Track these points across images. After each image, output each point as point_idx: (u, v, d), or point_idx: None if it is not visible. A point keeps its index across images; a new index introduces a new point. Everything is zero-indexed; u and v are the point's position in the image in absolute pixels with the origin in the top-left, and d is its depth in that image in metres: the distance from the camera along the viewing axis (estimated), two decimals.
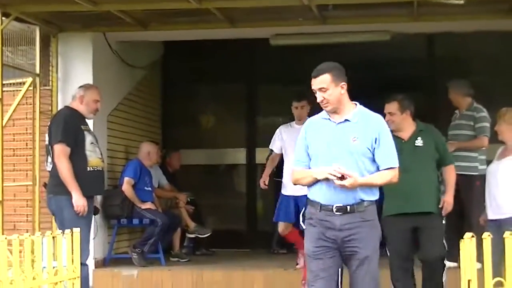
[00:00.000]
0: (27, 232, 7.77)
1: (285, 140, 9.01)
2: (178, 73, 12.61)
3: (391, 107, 7.43)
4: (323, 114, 5.78)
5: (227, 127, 12.92)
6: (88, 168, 7.83)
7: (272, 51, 10.84)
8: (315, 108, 7.13)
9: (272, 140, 9.28)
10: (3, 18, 8.90)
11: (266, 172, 9.36)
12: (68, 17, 9.54)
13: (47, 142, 7.91)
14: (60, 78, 9.91)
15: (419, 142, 7.37)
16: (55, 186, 7.77)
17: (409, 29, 10.01)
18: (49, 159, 7.85)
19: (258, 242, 11.94)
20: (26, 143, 9.79)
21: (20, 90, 9.67)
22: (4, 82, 9.02)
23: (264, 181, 9.20)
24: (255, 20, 9.58)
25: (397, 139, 6.53)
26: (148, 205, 10.18)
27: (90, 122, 8.32)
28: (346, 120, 5.66)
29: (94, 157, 7.92)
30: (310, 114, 7.62)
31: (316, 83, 5.62)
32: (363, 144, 5.61)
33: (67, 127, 7.76)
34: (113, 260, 10.19)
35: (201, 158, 12.72)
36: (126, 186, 10.20)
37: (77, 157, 7.74)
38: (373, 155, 5.63)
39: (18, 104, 9.57)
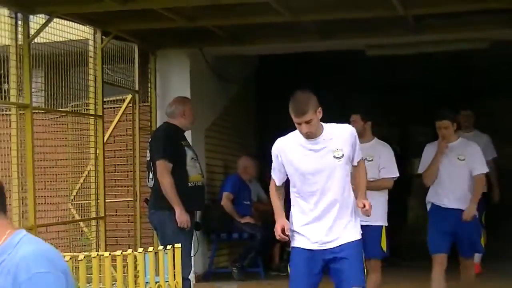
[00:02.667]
0: (129, 247, 7.90)
1: None
2: (272, 86, 12.63)
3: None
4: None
5: None
6: (189, 183, 7.89)
7: (363, 61, 10.76)
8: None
9: None
10: (103, 37, 9.08)
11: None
12: (165, 34, 9.67)
13: (148, 158, 8.00)
14: (159, 94, 10.04)
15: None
16: (157, 202, 7.86)
17: (508, 37, 9.79)
18: (151, 175, 7.94)
19: None
20: (127, 159, 9.94)
21: (120, 107, 9.85)
22: (104, 99, 9.19)
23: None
24: (349, 31, 9.51)
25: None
26: (247, 219, 10.22)
27: (188, 137, 8.40)
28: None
29: (194, 172, 7.97)
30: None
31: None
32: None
33: (169, 144, 7.84)
34: (214, 275, 10.24)
35: None
36: (225, 200, 10.25)
37: (178, 173, 7.81)
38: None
39: (118, 121, 9.75)
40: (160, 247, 6.18)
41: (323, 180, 5.62)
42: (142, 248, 6.05)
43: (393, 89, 12.73)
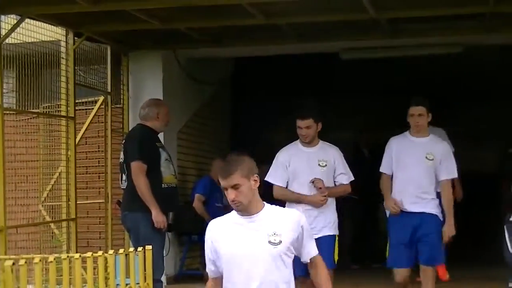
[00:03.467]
0: (100, 249, 7.85)
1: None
2: (247, 89, 12.64)
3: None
4: None
5: None
6: (163, 184, 7.85)
7: (341, 65, 10.79)
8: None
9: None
10: (75, 38, 9.03)
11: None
12: (139, 36, 9.64)
13: (121, 160, 7.96)
14: (131, 96, 10.00)
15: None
16: (130, 203, 7.81)
17: (482, 41, 9.86)
18: (124, 177, 7.90)
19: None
20: (98, 161, 9.89)
21: (92, 109, 9.80)
22: (76, 101, 9.14)
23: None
24: (324, 34, 9.53)
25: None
26: None
27: (161, 139, 8.37)
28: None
29: (168, 173, 7.94)
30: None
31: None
32: None
33: (144, 145, 7.80)
34: (185, 277, 10.21)
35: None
36: (197, 202, 10.23)
37: (153, 174, 7.77)
38: None
39: (90, 123, 9.69)
40: (131, 249, 6.15)
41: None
42: (113, 250, 6.01)
43: (366, 93, 12.76)
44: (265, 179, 7.34)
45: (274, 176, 7.51)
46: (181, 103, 10.54)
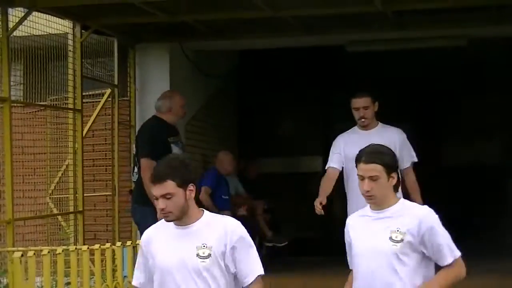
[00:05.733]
0: (107, 241, 7.89)
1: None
2: (254, 81, 12.66)
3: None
4: None
5: (303, 135, 12.92)
6: None
7: (347, 57, 10.81)
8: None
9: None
10: (83, 30, 9.05)
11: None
12: (145, 28, 9.65)
13: (134, 152, 7.98)
14: (138, 89, 10.01)
15: None
16: (140, 197, 7.83)
17: (487, 34, 9.85)
18: (135, 169, 7.92)
19: (335, 249, 11.86)
20: (105, 154, 9.90)
21: (99, 101, 9.81)
22: (83, 93, 9.16)
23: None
24: (331, 27, 9.54)
25: None
26: (225, 214, 10.22)
27: None
28: None
29: None
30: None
31: None
32: None
33: (154, 141, 7.80)
34: None
35: (278, 166, 12.71)
36: (204, 195, 10.24)
37: None
38: None
39: (97, 115, 9.70)
40: (139, 241, 6.18)
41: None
42: (121, 242, 6.05)
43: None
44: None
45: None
46: (188, 95, 10.52)
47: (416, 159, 7.14)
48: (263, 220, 10.99)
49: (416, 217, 4.34)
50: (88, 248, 5.61)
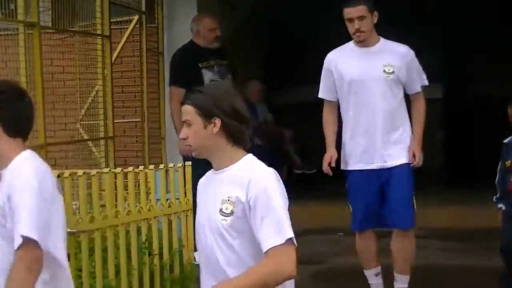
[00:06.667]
0: (137, 167, 7.93)
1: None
2: (283, 11, 12.53)
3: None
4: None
5: None
6: None
7: None
8: None
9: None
10: None
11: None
12: None
13: None
14: (166, 16, 9.95)
15: None
16: None
17: None
18: None
19: None
20: (134, 80, 9.89)
21: (127, 28, 9.77)
22: (111, 20, 9.12)
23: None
24: None
25: None
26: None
27: None
28: None
29: None
30: None
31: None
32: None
33: (180, 68, 7.72)
34: None
35: (306, 96, 12.66)
36: None
37: None
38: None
39: (125, 42, 9.68)
40: (171, 165, 6.21)
41: None
42: (153, 166, 6.08)
43: None
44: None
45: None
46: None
47: (427, 82, 6.15)
48: (292, 148, 11.03)
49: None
50: (122, 171, 5.65)
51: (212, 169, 3.52)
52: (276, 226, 3.23)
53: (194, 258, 6.28)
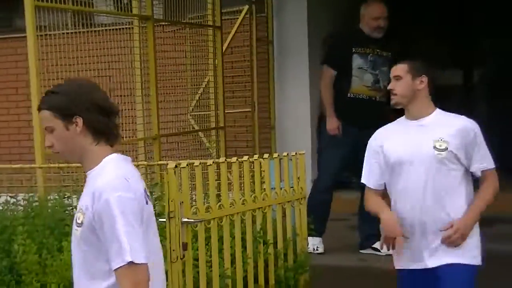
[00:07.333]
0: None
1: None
2: None
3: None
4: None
5: None
6: (349, 94, 7.63)
7: None
8: None
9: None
10: None
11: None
12: None
13: None
14: (275, 5, 9.97)
15: None
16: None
17: None
18: None
19: None
20: (244, 70, 9.96)
21: (237, 18, 9.83)
22: (222, 10, 9.20)
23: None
24: None
25: None
26: None
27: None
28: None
29: (358, 83, 7.60)
30: None
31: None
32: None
33: (333, 50, 7.73)
34: None
35: None
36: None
37: (340, 82, 7.60)
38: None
39: (235, 32, 9.75)
40: (285, 154, 6.22)
41: None
42: (268, 154, 6.10)
43: None
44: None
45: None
46: (327, 14, 10.38)
47: (493, 165, 4.55)
48: None
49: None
50: (237, 160, 5.69)
51: None
52: (118, 247, 3.00)
53: (308, 246, 6.29)
